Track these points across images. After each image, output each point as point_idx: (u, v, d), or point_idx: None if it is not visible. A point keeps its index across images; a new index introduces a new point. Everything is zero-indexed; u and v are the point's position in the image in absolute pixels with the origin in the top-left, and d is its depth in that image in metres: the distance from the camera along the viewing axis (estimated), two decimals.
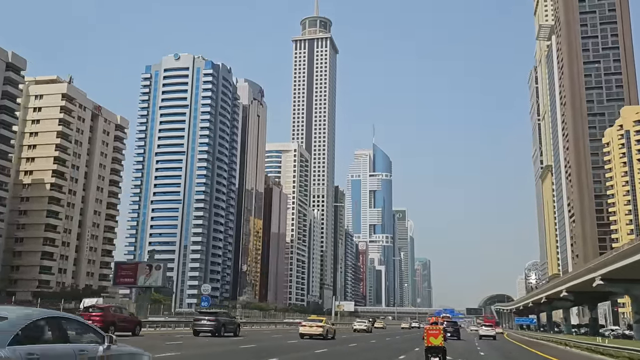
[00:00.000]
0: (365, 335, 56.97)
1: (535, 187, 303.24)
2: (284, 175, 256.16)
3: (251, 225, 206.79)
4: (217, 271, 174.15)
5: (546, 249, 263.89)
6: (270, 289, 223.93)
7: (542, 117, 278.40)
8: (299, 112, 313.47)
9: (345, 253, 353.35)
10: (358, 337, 49.61)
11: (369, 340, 45.50)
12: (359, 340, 43.99)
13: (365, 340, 44.81)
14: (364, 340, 43.42)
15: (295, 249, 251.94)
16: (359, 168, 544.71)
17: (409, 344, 39.46)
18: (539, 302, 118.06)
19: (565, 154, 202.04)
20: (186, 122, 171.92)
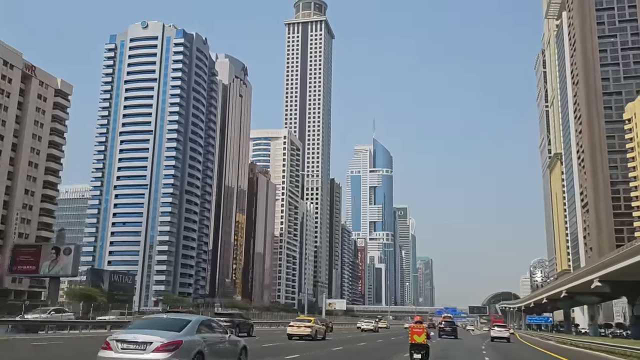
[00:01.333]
0: (371, 335, 56.17)
1: (542, 179, 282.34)
2: (272, 165, 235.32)
3: (232, 216, 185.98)
4: (190, 265, 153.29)
5: (555, 244, 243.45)
6: (255, 287, 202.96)
7: (550, 103, 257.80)
8: (292, 100, 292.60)
9: (342, 250, 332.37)
10: (363, 337, 48.52)
11: (375, 339, 44.76)
12: (365, 340, 42.99)
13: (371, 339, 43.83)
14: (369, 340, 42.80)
15: (285, 243, 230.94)
16: (359, 163, 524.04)
17: None
18: (555, 298, 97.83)
19: (578, 138, 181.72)
20: (154, 98, 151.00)
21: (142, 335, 12.97)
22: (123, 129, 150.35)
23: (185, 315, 17.09)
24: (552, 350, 39.90)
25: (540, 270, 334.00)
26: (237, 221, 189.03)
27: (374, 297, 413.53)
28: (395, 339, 46.00)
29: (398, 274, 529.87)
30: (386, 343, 40.06)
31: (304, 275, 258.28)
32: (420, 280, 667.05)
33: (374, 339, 46.47)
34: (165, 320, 14.71)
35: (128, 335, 13.08)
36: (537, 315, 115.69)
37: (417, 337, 18.32)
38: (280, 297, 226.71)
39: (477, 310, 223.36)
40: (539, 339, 69.75)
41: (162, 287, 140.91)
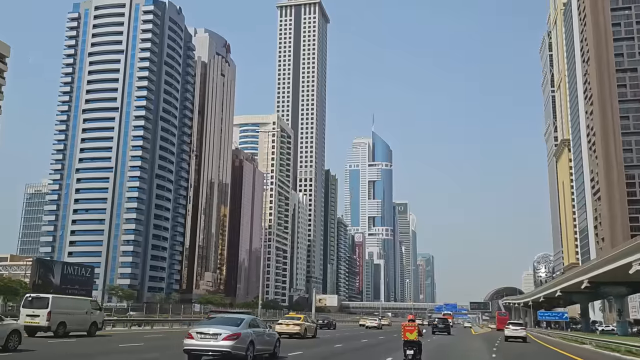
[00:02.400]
0: (375, 332, 56.16)
1: (547, 169, 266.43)
2: (261, 152, 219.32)
3: (214, 205, 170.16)
4: (162, 258, 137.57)
5: (561, 237, 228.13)
6: (240, 282, 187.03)
7: (556, 87, 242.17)
8: (284, 87, 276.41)
9: (338, 244, 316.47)
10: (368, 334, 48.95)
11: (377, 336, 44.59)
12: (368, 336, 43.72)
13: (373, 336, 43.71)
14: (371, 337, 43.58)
15: (274, 236, 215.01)
16: (358, 157, 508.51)
17: None
18: (572, 291, 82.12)
19: (588, 120, 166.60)
20: (121, 72, 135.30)
21: (214, 328, 18.60)
22: (87, 106, 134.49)
23: (239, 315, 23.97)
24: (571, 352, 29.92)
25: (544, 265, 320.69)
26: (220, 211, 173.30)
27: (372, 294, 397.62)
28: (397, 336, 43.47)
29: (398, 271, 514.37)
30: (387, 340, 39.17)
31: (295, 271, 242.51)
32: (420, 277, 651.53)
33: (376, 335, 46.31)
34: (227, 318, 21.44)
35: (204, 328, 18.75)
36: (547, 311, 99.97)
37: (410, 334, 19.39)
38: (269, 294, 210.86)
39: (479, 306, 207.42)
40: (560, 340, 54.82)
41: (127, 281, 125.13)
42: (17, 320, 26.25)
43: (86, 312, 32.02)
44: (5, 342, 19.48)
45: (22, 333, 20.99)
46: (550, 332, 78.78)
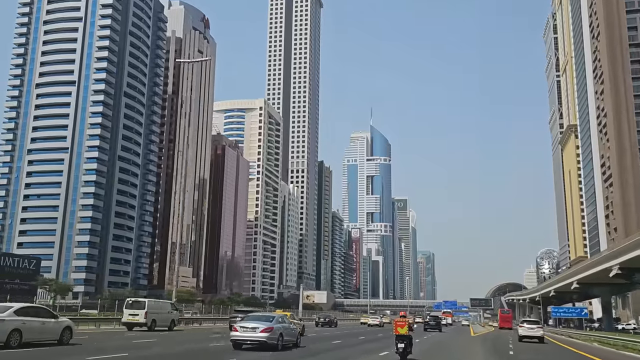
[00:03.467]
0: (376, 330, 56.93)
1: (552, 158, 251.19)
2: (247, 140, 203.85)
3: (192, 193, 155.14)
4: (126, 249, 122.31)
5: (567, 230, 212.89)
6: (221, 277, 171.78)
7: (562, 70, 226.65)
8: (275, 74, 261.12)
9: (333, 239, 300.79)
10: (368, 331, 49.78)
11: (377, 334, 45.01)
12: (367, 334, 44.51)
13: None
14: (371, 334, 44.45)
15: (261, 229, 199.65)
16: (356, 151, 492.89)
17: None
18: (593, 282, 67.20)
19: (598, 101, 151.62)
20: (79, 41, 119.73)
21: (252, 324, 23.06)
22: (41, 80, 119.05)
23: (270, 313, 34.23)
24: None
25: (547, 261, 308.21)
26: (198, 200, 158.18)
27: (370, 291, 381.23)
28: None
29: (397, 268, 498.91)
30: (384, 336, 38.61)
31: (286, 266, 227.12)
32: (421, 274, 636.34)
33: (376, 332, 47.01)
34: (262, 315, 26.41)
35: (245, 323, 23.32)
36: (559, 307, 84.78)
37: (401, 329, 20.60)
38: (255, 290, 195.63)
39: (480, 303, 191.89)
40: (586, 342, 43.60)
41: (82, 275, 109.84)
42: None
43: (168, 312, 39.90)
44: (60, 337, 22.43)
45: (72, 329, 23.78)
46: (566, 332, 64.10)
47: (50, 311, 23.34)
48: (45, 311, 22.78)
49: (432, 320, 62.73)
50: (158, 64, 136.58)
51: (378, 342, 33.25)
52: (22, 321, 20.35)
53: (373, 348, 27.82)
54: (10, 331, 19.67)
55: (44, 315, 22.03)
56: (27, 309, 21.36)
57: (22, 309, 21.00)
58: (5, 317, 19.85)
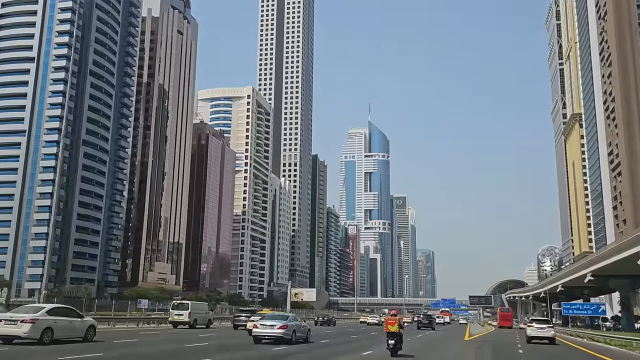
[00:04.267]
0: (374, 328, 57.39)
1: (555, 150, 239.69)
2: (234, 130, 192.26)
3: (171, 184, 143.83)
4: (92, 243, 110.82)
5: (571, 224, 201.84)
6: (204, 274, 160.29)
7: (565, 57, 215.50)
8: (267, 66, 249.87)
9: (328, 236, 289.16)
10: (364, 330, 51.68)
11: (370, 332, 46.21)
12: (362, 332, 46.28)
13: None
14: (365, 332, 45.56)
15: (249, 223, 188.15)
16: (354, 148, 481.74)
17: None
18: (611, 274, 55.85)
19: (605, 85, 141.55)
20: (39, 13, 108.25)
21: (270, 321, 26.99)
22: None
23: (284, 313, 43.87)
24: None
25: (549, 258, 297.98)
26: (177, 191, 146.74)
27: (367, 290, 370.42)
28: None
29: (396, 266, 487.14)
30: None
31: (277, 263, 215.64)
32: (420, 273, 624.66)
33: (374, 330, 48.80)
34: (278, 315, 31.26)
35: (264, 321, 27.23)
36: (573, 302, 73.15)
37: (391, 326, 21.78)
38: (243, 287, 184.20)
39: (480, 300, 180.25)
40: (606, 345, 37.29)
41: (39, 270, 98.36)
42: None
43: (205, 312, 46.06)
44: (85, 334, 24.21)
45: (96, 327, 25.78)
46: (580, 332, 53.13)
47: (76, 311, 25.25)
48: (72, 311, 24.58)
49: (424, 319, 64.87)
50: (130, 42, 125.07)
51: (375, 339, 34.99)
52: (53, 320, 22.28)
53: (370, 344, 30.37)
54: (44, 329, 21.53)
55: (71, 315, 23.90)
56: (57, 309, 23.31)
57: (53, 309, 23.02)
58: (39, 317, 21.71)
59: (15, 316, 21.63)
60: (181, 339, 28.58)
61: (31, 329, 20.93)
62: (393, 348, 21.57)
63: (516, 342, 38.80)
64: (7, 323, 21.21)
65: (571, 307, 61.39)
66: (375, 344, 28.87)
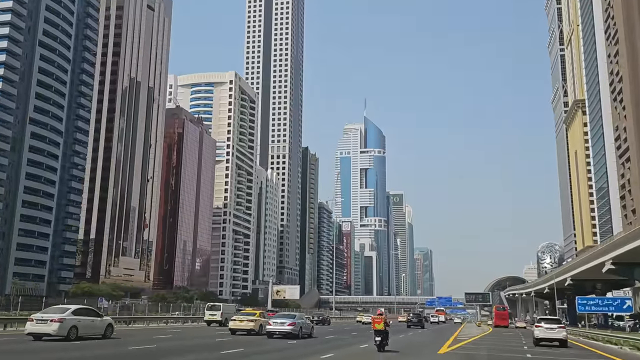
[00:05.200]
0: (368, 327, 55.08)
1: (556, 141, 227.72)
2: (216, 117, 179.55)
3: (139, 172, 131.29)
4: (42, 234, 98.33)
5: (573, 218, 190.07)
6: (177, 270, 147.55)
7: (566, 42, 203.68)
8: (254, 52, 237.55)
9: (319, 232, 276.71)
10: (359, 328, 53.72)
11: None
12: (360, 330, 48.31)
13: None
14: None
15: (231, 217, 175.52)
16: (349, 144, 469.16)
17: None
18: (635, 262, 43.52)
19: (611, 65, 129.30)
20: None
21: (281, 319, 31.96)
22: None
23: (292, 312, 44.95)
24: None
25: (549, 255, 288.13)
26: (147, 180, 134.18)
27: (362, 288, 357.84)
28: None
29: (392, 264, 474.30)
30: None
31: (263, 260, 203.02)
32: (418, 271, 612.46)
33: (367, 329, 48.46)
34: (287, 314, 35.78)
35: (276, 319, 32.23)
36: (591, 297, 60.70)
37: (378, 325, 23.72)
38: (224, 285, 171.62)
39: (477, 298, 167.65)
40: None
41: None
42: None
43: (234, 312, 49.66)
44: (104, 332, 27.12)
45: (113, 326, 28.88)
46: (593, 333, 44.67)
47: (97, 312, 28.75)
48: (93, 312, 28.01)
49: (414, 317, 65.94)
50: (90, 13, 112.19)
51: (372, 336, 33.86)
52: (77, 320, 25.36)
53: (367, 339, 31.22)
54: (70, 327, 24.58)
55: (92, 314, 27.31)
56: (80, 310, 26.50)
57: (77, 310, 26.16)
58: (66, 317, 24.77)
59: (45, 316, 24.27)
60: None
61: (59, 327, 23.60)
62: (379, 344, 23.45)
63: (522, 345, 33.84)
64: (38, 322, 24.04)
65: (588, 303, 48.74)
66: (371, 339, 28.50)
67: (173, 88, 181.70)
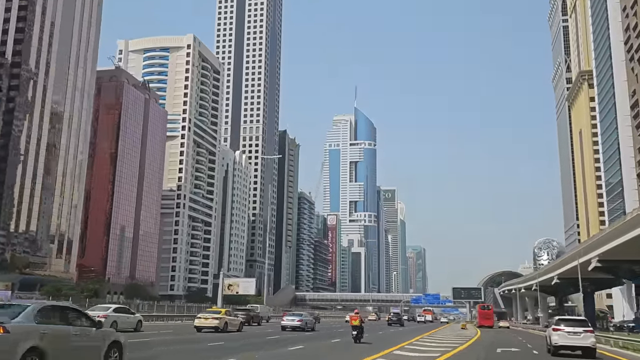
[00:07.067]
0: None
1: (557, 122, 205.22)
2: (171, 88, 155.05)
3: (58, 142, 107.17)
4: None
5: (576, 206, 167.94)
6: (112, 260, 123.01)
7: (570, 11, 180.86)
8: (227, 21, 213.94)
9: (300, 223, 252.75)
10: None
11: None
12: None
13: None
14: None
15: (186, 201, 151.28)
16: (338, 136, 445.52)
17: None
18: None
19: (627, 19, 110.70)
20: None
21: (292, 317, 41.94)
22: None
23: (299, 311, 58.87)
24: None
25: (546, 251, 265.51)
26: (71, 153, 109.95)
27: (349, 286, 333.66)
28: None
29: (383, 261, 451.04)
30: None
31: (229, 252, 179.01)
32: (411, 270, 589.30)
33: None
34: (296, 313, 47.85)
35: (288, 317, 42.13)
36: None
37: (354, 321, 27.63)
38: (177, 279, 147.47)
39: (467, 294, 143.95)
40: None
41: None
42: None
43: (268, 311, 66.05)
44: (135, 326, 31.38)
45: (142, 322, 33.27)
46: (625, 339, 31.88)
47: (130, 310, 33.64)
48: (128, 310, 32.86)
49: (394, 316, 69.74)
50: None
51: None
52: (117, 316, 29.88)
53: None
54: (112, 322, 27.70)
55: (127, 312, 32.12)
56: (119, 308, 31.83)
57: (116, 308, 31.39)
58: (109, 313, 29.38)
59: (92, 313, 23.93)
60: None
61: (104, 322, 20.35)
62: (356, 337, 27.24)
63: None
64: None
65: None
66: None
67: (123, 54, 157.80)
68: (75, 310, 12.36)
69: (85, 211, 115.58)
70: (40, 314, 10.73)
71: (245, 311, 50.08)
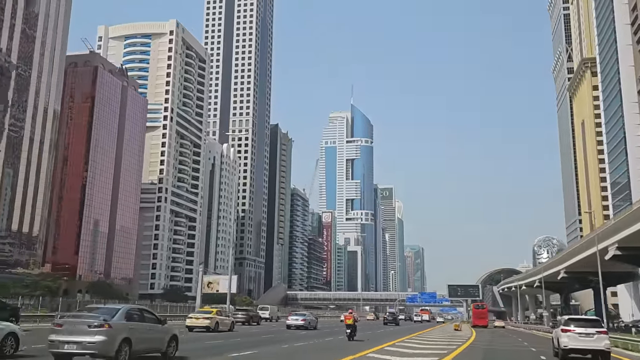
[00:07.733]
0: None
1: (557, 113, 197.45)
2: (153, 76, 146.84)
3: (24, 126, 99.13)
4: None
5: (579, 200, 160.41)
6: (83, 256, 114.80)
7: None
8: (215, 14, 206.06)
9: (293, 220, 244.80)
10: None
11: None
12: None
13: None
14: None
15: (168, 195, 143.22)
16: (335, 133, 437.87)
17: None
18: None
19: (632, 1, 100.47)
20: None
21: (296, 316, 45.72)
22: None
23: (303, 312, 58.17)
24: None
25: (546, 249, 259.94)
26: (36, 143, 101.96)
27: (345, 284, 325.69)
28: None
29: (380, 260, 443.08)
30: None
31: (215, 249, 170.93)
32: (409, 269, 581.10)
33: None
34: (300, 313, 50.36)
35: (293, 316, 46.19)
36: None
37: (348, 320, 29.80)
38: (158, 277, 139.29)
39: (465, 292, 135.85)
40: None
41: None
42: None
43: (277, 310, 72.74)
44: None
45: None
46: None
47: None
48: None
49: (389, 316, 71.03)
50: None
51: None
52: None
53: None
54: None
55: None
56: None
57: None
58: None
59: None
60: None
61: None
62: (349, 334, 29.40)
63: None
64: None
65: None
66: None
67: (103, 41, 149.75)
68: (148, 312, 18.25)
69: (57, 205, 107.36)
70: (127, 314, 16.46)
71: (245, 311, 53.87)
